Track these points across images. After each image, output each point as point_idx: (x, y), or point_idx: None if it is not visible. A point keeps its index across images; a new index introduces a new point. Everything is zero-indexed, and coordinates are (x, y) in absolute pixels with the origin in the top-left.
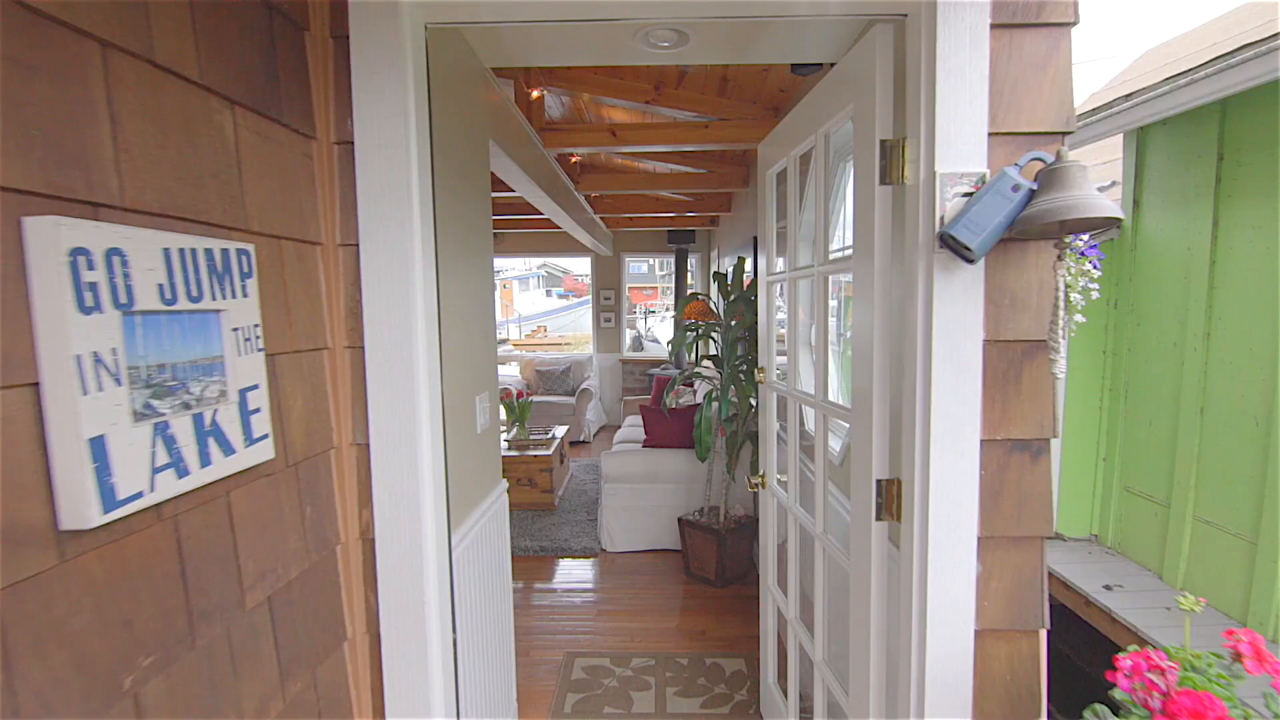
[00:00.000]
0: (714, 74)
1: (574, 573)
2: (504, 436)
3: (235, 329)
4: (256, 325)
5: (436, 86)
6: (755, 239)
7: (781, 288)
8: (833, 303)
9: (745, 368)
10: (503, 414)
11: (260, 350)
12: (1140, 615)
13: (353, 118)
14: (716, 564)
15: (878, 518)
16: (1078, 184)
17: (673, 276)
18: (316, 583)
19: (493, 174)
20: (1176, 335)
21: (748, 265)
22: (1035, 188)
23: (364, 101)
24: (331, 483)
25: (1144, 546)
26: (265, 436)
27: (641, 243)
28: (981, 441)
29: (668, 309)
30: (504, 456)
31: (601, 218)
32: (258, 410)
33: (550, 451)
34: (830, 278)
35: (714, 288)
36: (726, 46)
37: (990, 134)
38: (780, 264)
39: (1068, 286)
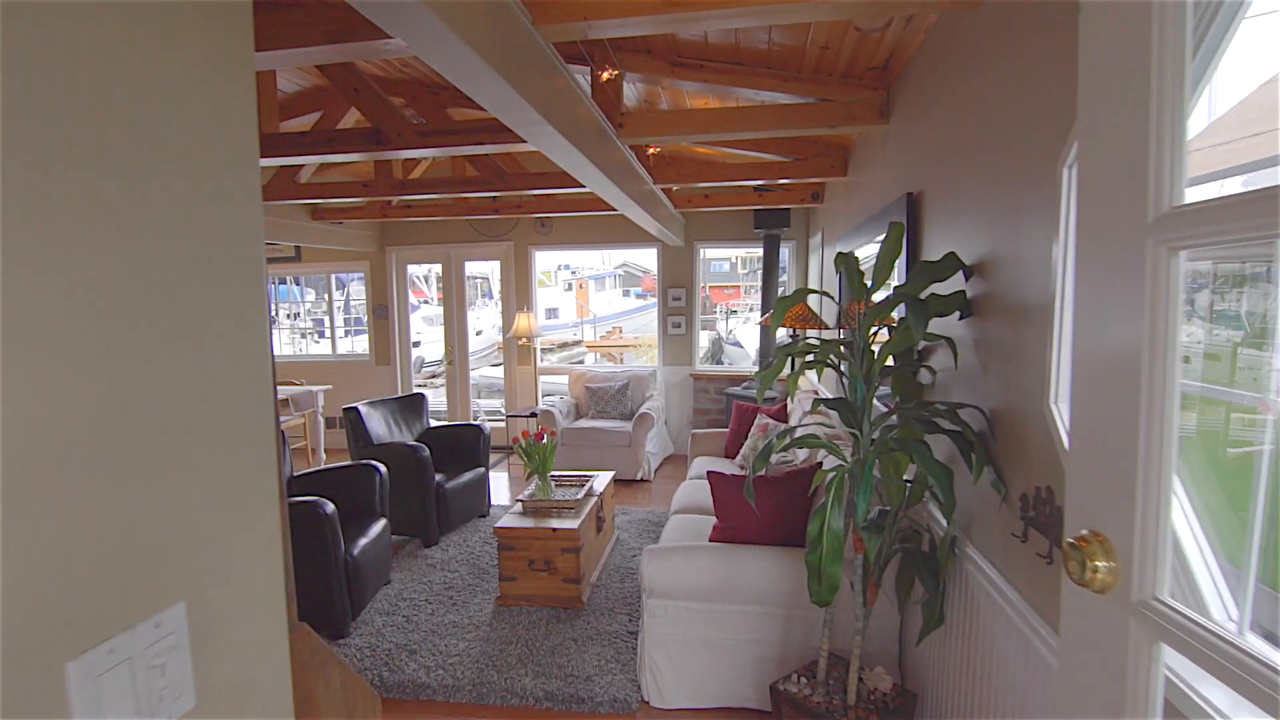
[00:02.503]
0: None
1: None
2: (520, 495)
3: None
4: None
5: None
6: (911, 198)
7: None
8: None
9: (899, 428)
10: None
11: None
12: None
13: None
14: None
15: None
16: None
17: (759, 274)
18: None
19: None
20: None
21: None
22: None
23: None
24: None
25: None
26: None
27: (720, 228)
28: None
29: (751, 309)
30: (511, 528)
31: (663, 188)
32: None
33: (578, 522)
34: None
35: (827, 281)
36: None
37: None
38: None
39: None
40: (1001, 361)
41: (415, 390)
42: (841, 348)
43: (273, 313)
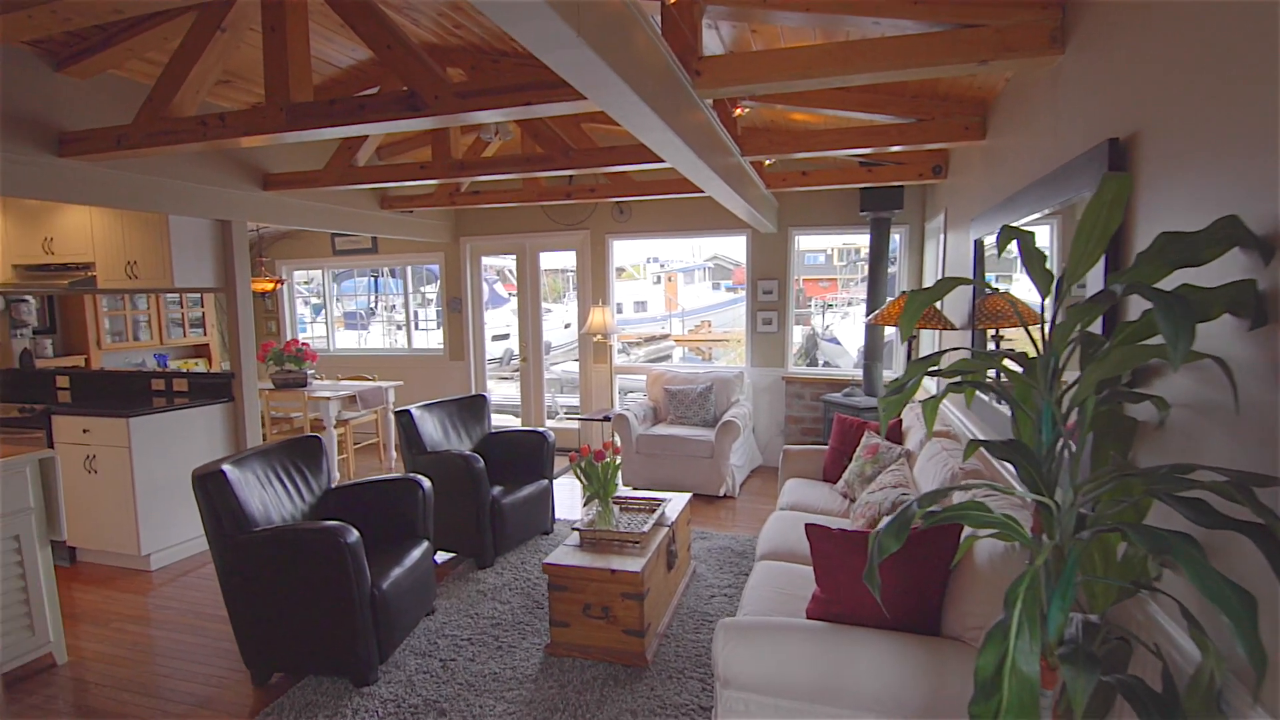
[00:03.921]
0: None
1: None
2: (574, 524)
3: None
4: None
5: None
6: (1115, 146)
7: None
8: None
9: (1117, 505)
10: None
11: None
12: None
13: None
14: None
15: None
16: None
17: (859, 265)
18: None
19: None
20: None
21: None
22: None
23: None
24: None
25: None
26: None
27: (819, 211)
28: None
29: (850, 304)
30: (563, 566)
31: (752, 162)
32: None
33: (643, 562)
34: None
35: (948, 272)
36: None
37: None
38: None
39: None
40: None
41: (488, 385)
42: (1007, 361)
43: (372, 305)
